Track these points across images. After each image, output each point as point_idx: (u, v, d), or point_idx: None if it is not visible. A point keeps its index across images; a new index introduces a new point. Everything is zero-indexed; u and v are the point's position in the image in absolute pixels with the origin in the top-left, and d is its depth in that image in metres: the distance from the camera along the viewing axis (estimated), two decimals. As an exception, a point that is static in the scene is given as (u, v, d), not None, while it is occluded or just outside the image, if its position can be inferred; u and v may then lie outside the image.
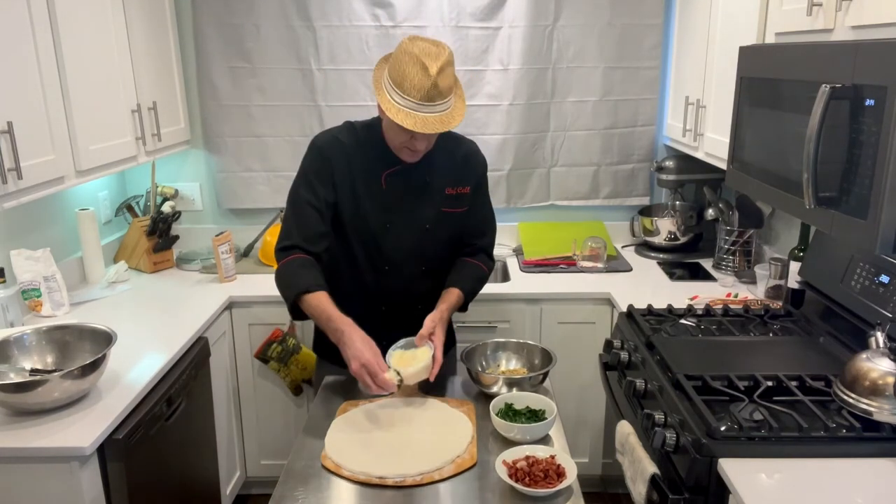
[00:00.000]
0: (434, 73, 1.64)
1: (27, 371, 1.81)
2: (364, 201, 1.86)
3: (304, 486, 1.44)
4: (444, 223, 1.94)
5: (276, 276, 1.83)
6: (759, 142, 1.81)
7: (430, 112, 1.68)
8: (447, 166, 1.91)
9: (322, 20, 2.89)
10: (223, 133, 3.01)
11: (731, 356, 1.86)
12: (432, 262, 1.97)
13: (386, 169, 1.86)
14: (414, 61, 1.65)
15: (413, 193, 1.89)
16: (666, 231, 2.98)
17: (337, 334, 1.70)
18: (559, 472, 1.42)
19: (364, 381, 1.64)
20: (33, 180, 1.90)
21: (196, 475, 2.24)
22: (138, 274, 2.84)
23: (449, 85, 1.70)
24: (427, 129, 1.68)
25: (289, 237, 1.83)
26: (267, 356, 2.61)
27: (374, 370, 1.63)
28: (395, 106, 1.68)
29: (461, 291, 1.93)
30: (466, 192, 1.95)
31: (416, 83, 1.65)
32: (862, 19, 1.48)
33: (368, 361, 1.63)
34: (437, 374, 1.76)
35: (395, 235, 1.90)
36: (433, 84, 1.65)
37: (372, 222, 1.88)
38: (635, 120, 3.06)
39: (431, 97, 1.66)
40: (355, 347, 1.66)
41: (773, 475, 1.38)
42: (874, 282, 1.84)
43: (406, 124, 1.67)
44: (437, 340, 1.78)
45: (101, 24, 2.26)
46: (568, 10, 2.91)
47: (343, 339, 1.68)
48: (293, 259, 1.81)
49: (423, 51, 1.66)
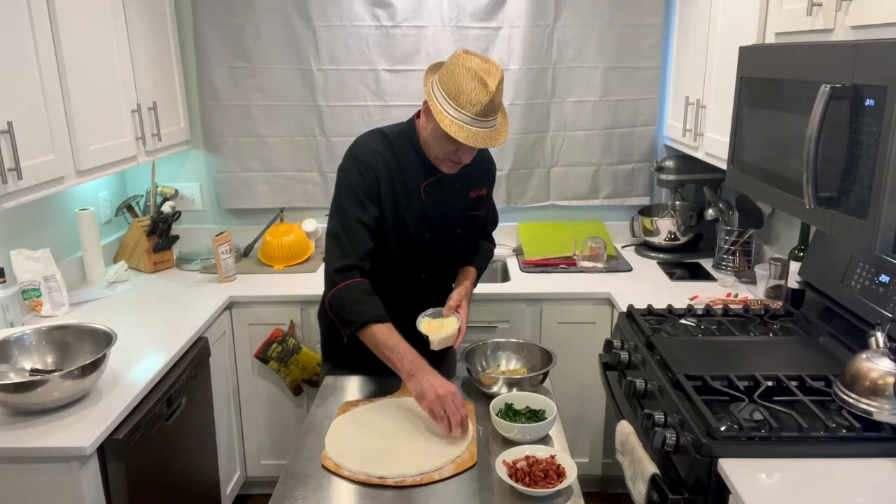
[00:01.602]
0: (493, 89, 1.66)
1: (27, 371, 1.81)
2: (406, 213, 1.86)
3: (304, 486, 1.44)
4: (470, 226, 2.01)
5: (335, 299, 1.77)
6: (759, 142, 1.81)
7: (481, 127, 1.70)
8: (470, 170, 1.93)
9: (322, 20, 2.89)
10: (223, 133, 3.01)
11: (731, 356, 1.86)
12: (458, 263, 2.06)
13: (425, 180, 1.87)
14: (472, 76, 1.67)
15: (447, 201, 1.92)
16: (666, 231, 2.98)
17: (407, 365, 1.65)
18: (559, 472, 1.43)
19: (438, 414, 1.56)
20: (33, 180, 1.90)
21: (196, 475, 2.24)
22: (138, 274, 2.84)
23: (500, 101, 1.73)
24: (478, 143, 1.70)
25: (345, 257, 1.77)
26: (267, 356, 2.61)
27: (452, 407, 1.55)
28: (448, 118, 1.69)
29: (476, 269, 2.07)
30: (484, 194, 2.02)
31: (472, 98, 1.67)
32: (862, 19, 1.48)
33: (450, 393, 1.57)
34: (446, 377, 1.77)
35: (433, 243, 1.93)
36: (490, 100, 1.67)
37: (413, 232, 1.89)
38: (635, 120, 3.06)
39: (486, 113, 1.68)
40: (436, 378, 1.61)
41: (773, 475, 1.38)
42: (874, 282, 1.84)
43: (460, 137, 1.68)
44: (463, 312, 1.89)
45: (101, 25, 2.26)
46: (568, 10, 2.91)
47: (413, 367, 1.64)
48: (355, 284, 1.76)
49: (480, 67, 1.68)
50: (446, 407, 1.55)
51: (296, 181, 3.08)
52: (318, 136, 3.03)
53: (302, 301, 2.62)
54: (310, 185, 3.09)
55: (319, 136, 3.03)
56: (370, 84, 2.96)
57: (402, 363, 1.65)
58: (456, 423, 1.55)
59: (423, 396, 1.59)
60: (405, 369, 1.65)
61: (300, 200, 3.11)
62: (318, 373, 2.64)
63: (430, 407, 1.57)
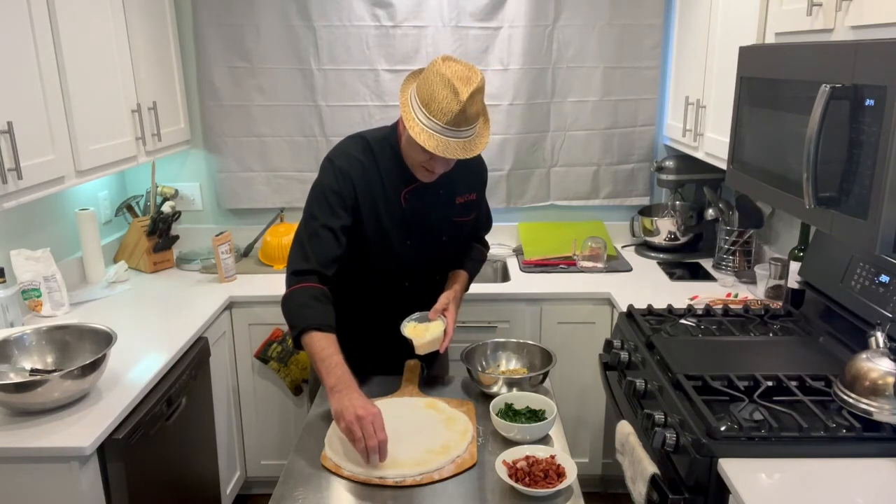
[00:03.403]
0: (464, 98, 1.58)
1: (27, 371, 1.81)
2: (385, 221, 1.82)
3: (304, 486, 1.44)
4: (457, 232, 1.96)
5: (285, 301, 1.73)
6: (759, 142, 1.81)
7: (454, 137, 1.63)
8: (457, 175, 1.86)
9: (322, 20, 2.89)
10: (223, 133, 3.01)
11: (731, 356, 1.86)
12: (445, 270, 2.01)
13: (405, 187, 1.82)
14: (445, 84, 1.59)
15: (430, 209, 1.86)
16: (666, 231, 2.98)
17: (333, 379, 1.55)
18: (559, 472, 1.43)
19: (355, 436, 1.44)
20: (33, 180, 1.90)
21: (196, 475, 2.24)
22: (138, 274, 2.84)
23: (477, 111, 1.64)
24: (448, 153, 1.63)
25: (306, 261, 1.73)
26: (267, 356, 2.61)
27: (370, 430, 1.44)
28: (418, 125, 1.63)
29: (468, 273, 2.01)
30: (473, 199, 1.95)
31: (443, 107, 1.59)
32: (862, 19, 1.48)
33: (370, 414, 1.46)
34: (440, 376, 1.76)
35: (416, 252, 1.88)
36: (462, 110, 1.59)
37: (394, 241, 1.84)
38: (635, 120, 3.06)
39: (458, 122, 1.61)
40: (360, 399, 1.50)
41: (773, 475, 1.38)
42: (874, 282, 1.84)
43: (428, 146, 1.62)
44: (450, 316, 1.83)
45: (101, 25, 2.26)
46: (568, 10, 2.91)
47: (339, 384, 1.54)
48: (307, 288, 1.70)
49: (456, 74, 1.60)
50: (364, 429, 1.44)
51: (296, 181, 3.08)
52: (318, 136, 3.03)
53: (302, 301, 2.62)
54: (310, 186, 3.08)
55: (319, 136, 3.03)
56: (370, 84, 2.96)
57: (329, 377, 1.56)
58: (371, 448, 1.43)
59: (341, 416, 1.47)
60: (329, 384, 1.55)
61: (300, 200, 3.07)
62: (318, 373, 2.64)
63: (348, 427, 1.45)
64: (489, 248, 2.18)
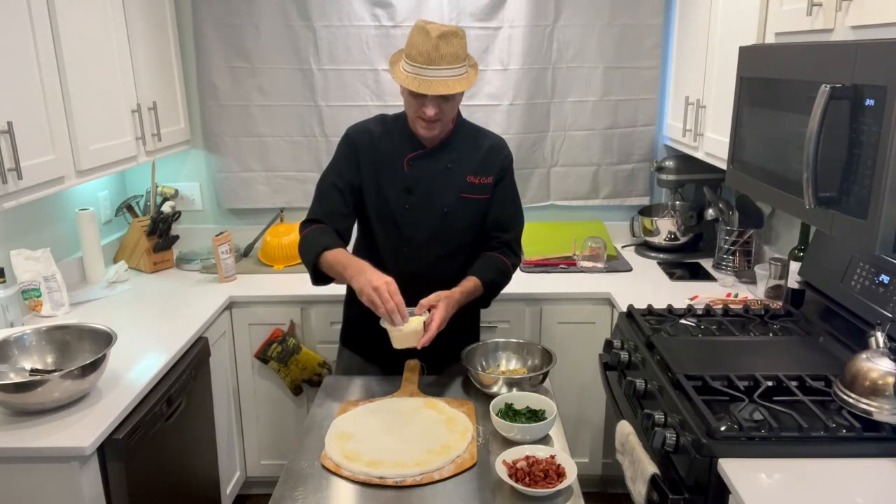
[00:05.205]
0: (435, 36, 1.73)
1: (27, 371, 1.81)
2: (386, 183, 1.94)
3: (304, 486, 1.44)
4: (464, 208, 1.97)
5: (299, 246, 1.92)
6: (759, 142, 1.81)
7: (434, 76, 1.76)
8: (471, 156, 1.97)
9: (322, 20, 2.89)
10: (223, 133, 3.01)
11: (731, 356, 1.86)
12: (450, 246, 1.99)
13: (409, 153, 1.94)
14: (419, 30, 1.77)
15: (434, 178, 1.95)
16: (666, 231, 2.98)
17: (352, 272, 1.73)
18: (559, 472, 1.43)
19: (376, 304, 1.65)
20: (33, 180, 1.90)
21: (196, 475, 2.24)
22: (138, 274, 2.84)
23: (454, 52, 1.77)
24: (430, 90, 1.75)
25: (312, 213, 1.96)
26: (267, 356, 2.61)
27: (386, 295, 1.63)
28: (402, 73, 1.80)
29: (479, 280, 1.92)
30: (489, 182, 1.99)
31: (420, 48, 1.75)
32: (862, 19, 1.48)
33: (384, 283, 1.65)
34: (437, 375, 1.76)
35: (414, 217, 1.95)
36: (434, 46, 1.73)
37: (392, 204, 1.95)
38: (635, 120, 3.06)
39: (433, 60, 1.74)
40: (373, 273, 1.69)
41: (773, 475, 1.38)
42: (874, 282, 1.84)
43: (411, 86, 1.76)
44: (438, 314, 1.74)
45: (101, 25, 2.26)
46: (568, 10, 2.91)
47: (356, 270, 1.72)
48: (313, 229, 1.91)
49: (430, 24, 1.77)
50: (381, 296, 1.63)
51: (296, 181, 3.09)
52: (317, 136, 3.03)
53: (302, 301, 2.62)
54: (310, 185, 3.07)
55: (319, 136, 3.03)
56: (370, 84, 2.96)
57: (346, 270, 1.75)
58: (390, 311, 1.63)
59: (361, 292, 1.67)
60: (348, 275, 1.74)
61: (300, 200, 3.11)
62: (318, 373, 2.64)
63: (369, 299, 1.65)
64: (520, 260, 2.10)
